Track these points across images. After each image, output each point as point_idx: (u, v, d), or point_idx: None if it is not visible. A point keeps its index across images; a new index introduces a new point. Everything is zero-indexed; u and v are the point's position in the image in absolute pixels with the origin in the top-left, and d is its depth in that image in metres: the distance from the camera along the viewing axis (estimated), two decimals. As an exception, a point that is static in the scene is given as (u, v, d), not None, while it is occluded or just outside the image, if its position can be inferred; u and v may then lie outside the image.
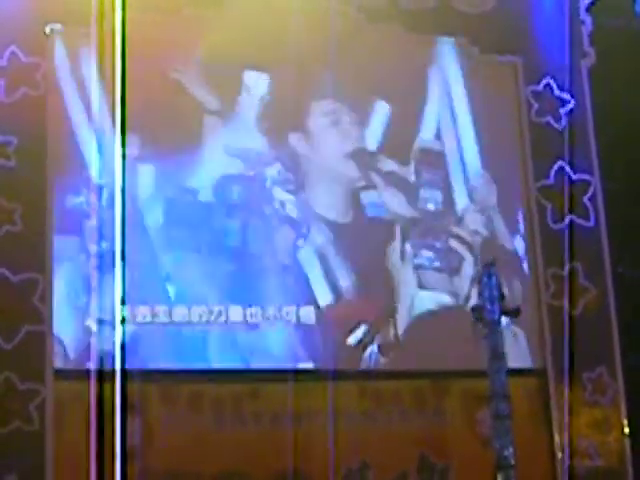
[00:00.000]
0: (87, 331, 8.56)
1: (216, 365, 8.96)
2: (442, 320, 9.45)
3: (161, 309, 8.88)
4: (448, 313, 9.51)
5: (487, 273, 7.29)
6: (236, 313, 9.04)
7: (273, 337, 9.11)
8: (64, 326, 8.62)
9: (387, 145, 9.80)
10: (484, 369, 7.24)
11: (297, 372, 8.96)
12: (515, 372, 7.78)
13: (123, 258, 8.08)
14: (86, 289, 8.66)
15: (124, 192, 8.16)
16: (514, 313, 7.53)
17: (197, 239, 9.10)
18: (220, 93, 9.41)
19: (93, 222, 8.73)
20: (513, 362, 8.06)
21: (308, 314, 9.20)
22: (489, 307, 7.21)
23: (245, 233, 9.23)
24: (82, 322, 8.63)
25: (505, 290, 7.57)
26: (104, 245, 8.57)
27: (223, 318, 8.99)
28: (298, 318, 9.16)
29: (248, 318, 9.05)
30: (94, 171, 8.77)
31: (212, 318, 8.97)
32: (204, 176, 9.29)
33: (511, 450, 6.96)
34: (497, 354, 7.16)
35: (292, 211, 9.41)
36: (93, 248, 8.68)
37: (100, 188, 8.73)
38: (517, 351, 9.42)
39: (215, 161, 9.35)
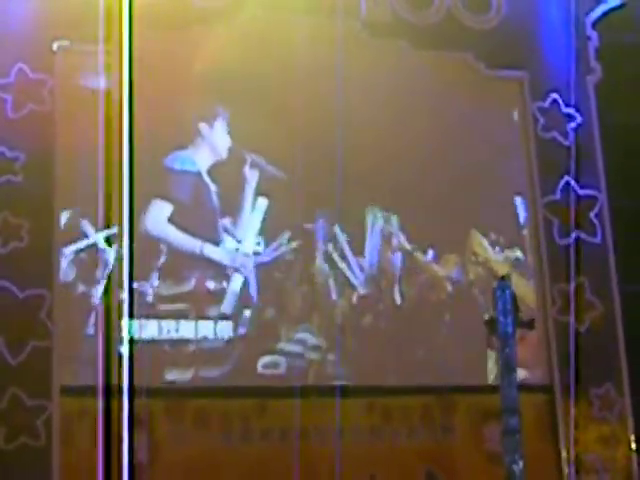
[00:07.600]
0: (93, 346, 8.54)
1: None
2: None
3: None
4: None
5: (501, 286, 7.23)
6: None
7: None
8: (70, 341, 8.61)
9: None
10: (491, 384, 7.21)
11: (304, 388, 8.97)
12: (523, 387, 7.73)
13: (131, 273, 8.09)
14: (93, 303, 8.69)
15: (132, 207, 8.17)
16: (528, 325, 7.46)
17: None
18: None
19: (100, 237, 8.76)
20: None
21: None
22: (502, 320, 7.16)
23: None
24: (88, 337, 8.61)
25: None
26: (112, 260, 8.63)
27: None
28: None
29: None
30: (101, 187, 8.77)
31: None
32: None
33: (521, 465, 6.93)
34: (510, 368, 7.15)
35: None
36: (100, 264, 8.70)
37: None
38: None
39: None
